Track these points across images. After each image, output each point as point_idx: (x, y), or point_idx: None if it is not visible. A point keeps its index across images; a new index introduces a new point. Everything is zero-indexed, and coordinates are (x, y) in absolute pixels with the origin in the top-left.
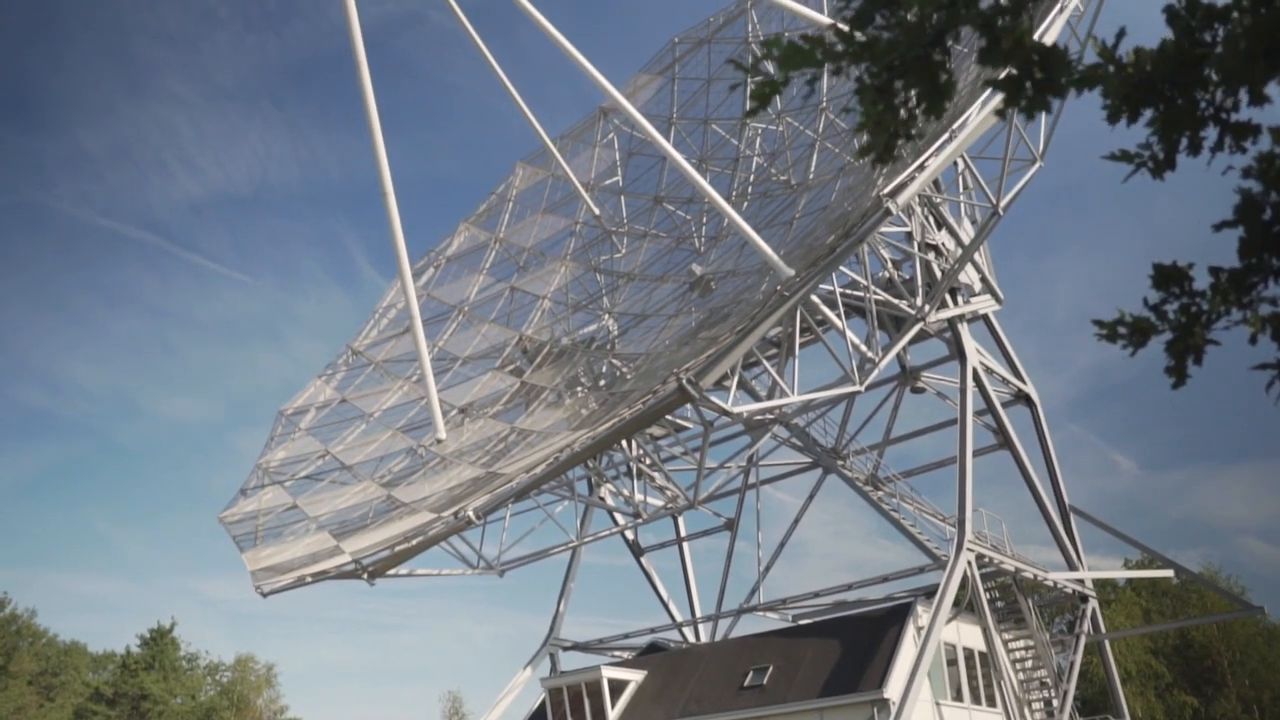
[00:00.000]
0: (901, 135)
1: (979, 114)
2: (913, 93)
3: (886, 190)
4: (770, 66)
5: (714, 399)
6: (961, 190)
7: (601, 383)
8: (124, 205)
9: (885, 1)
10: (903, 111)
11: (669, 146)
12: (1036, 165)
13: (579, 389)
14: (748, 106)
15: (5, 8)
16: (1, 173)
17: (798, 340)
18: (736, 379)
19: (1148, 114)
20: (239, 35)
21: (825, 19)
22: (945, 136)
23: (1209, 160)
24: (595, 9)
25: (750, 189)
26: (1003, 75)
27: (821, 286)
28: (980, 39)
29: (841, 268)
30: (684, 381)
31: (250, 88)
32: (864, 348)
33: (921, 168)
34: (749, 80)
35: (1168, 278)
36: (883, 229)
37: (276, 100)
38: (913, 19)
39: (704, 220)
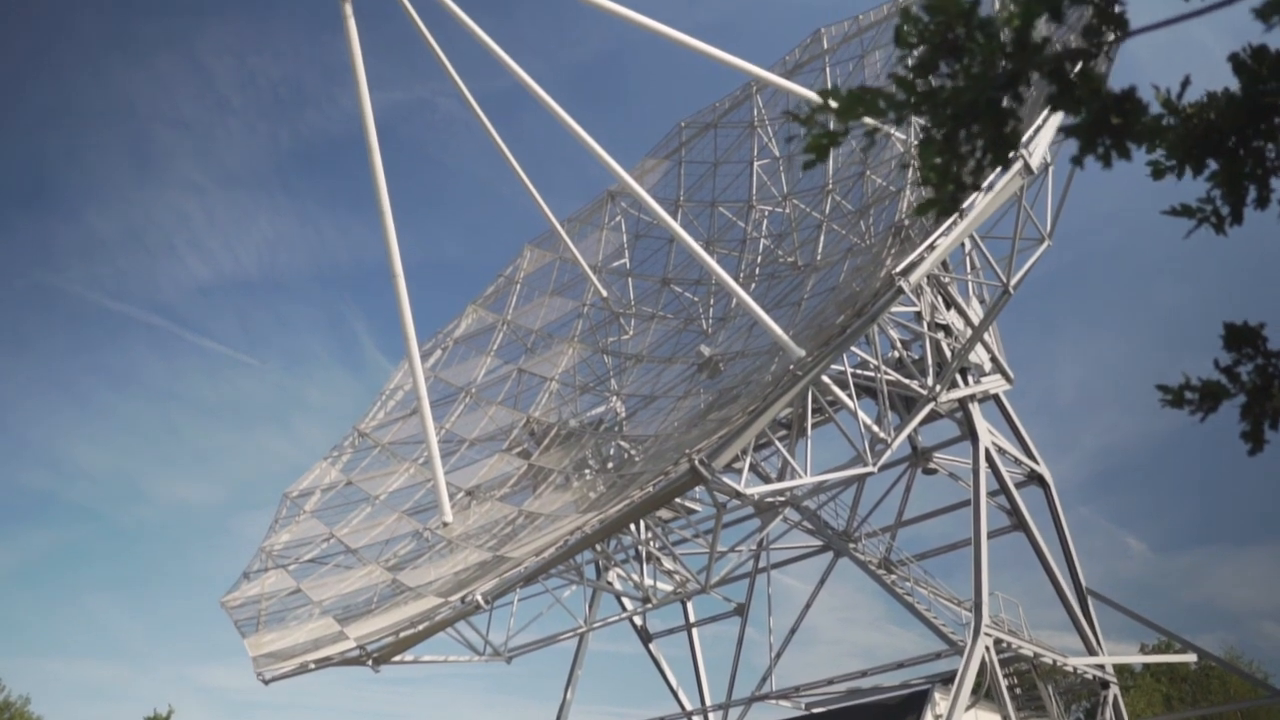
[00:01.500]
0: (968, 187)
1: (984, 195)
2: (978, 143)
3: (899, 269)
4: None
5: (726, 480)
6: (969, 270)
7: (609, 465)
8: (134, 288)
9: (950, 48)
10: (971, 161)
11: (676, 226)
12: (1045, 244)
13: (587, 471)
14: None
15: (26, 97)
16: (15, 256)
17: (810, 420)
18: (749, 460)
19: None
20: (251, 122)
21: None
22: (955, 215)
23: None
24: (599, 97)
25: (757, 270)
26: (1073, 122)
27: (832, 367)
28: (1049, 85)
29: (851, 348)
30: (697, 463)
31: (261, 173)
32: (875, 428)
33: (932, 246)
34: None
35: (1240, 338)
36: (892, 309)
37: (287, 185)
38: (977, 68)
39: (712, 302)
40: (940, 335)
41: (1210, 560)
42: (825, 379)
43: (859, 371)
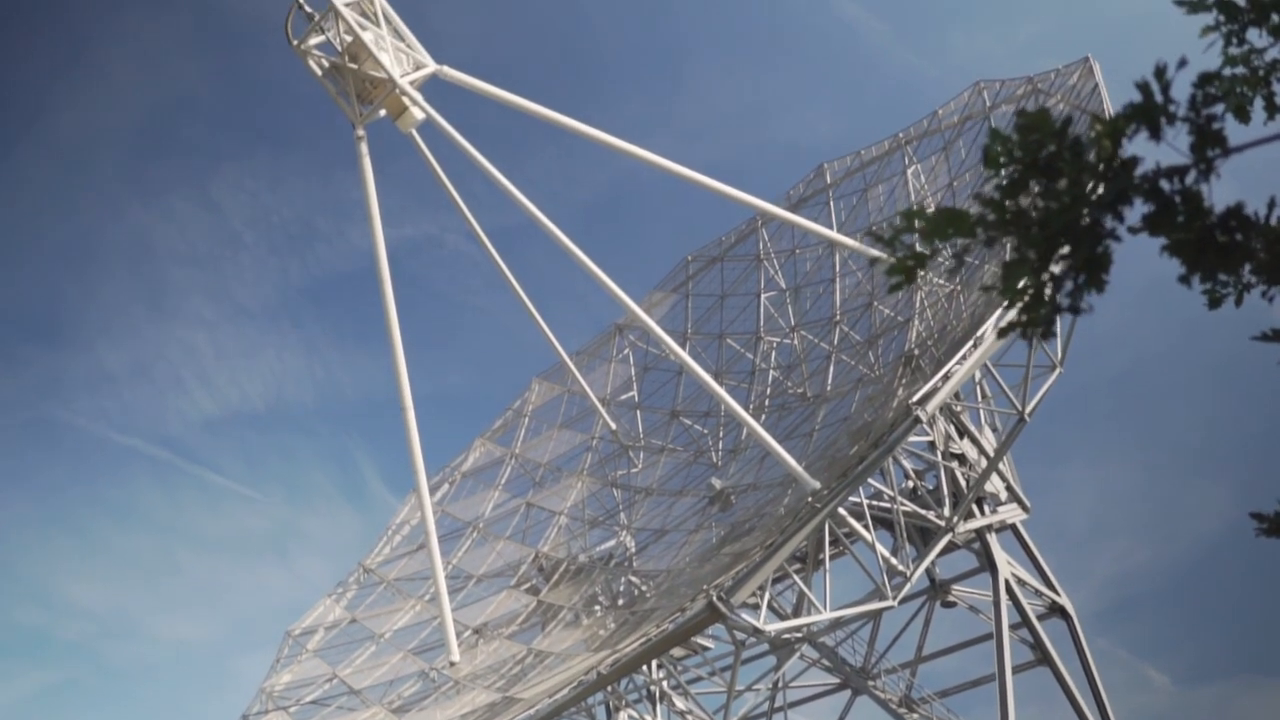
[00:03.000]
0: (1065, 310)
1: (994, 328)
2: (1067, 264)
3: (915, 399)
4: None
5: (745, 617)
6: (980, 398)
7: (620, 601)
8: (139, 422)
9: (1042, 168)
10: (1069, 282)
11: (686, 357)
12: (1057, 372)
13: (597, 608)
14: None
15: (43, 233)
16: (24, 389)
17: (828, 554)
18: (767, 596)
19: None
20: (262, 257)
21: (837, 235)
22: (970, 344)
23: None
24: (605, 232)
25: (767, 402)
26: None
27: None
28: (1146, 204)
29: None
30: (715, 599)
31: (270, 307)
32: (893, 560)
33: (947, 375)
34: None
35: None
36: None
37: (295, 319)
38: (1075, 188)
39: (721, 434)
40: (954, 465)
41: (1237, 692)
42: (840, 510)
43: (873, 503)
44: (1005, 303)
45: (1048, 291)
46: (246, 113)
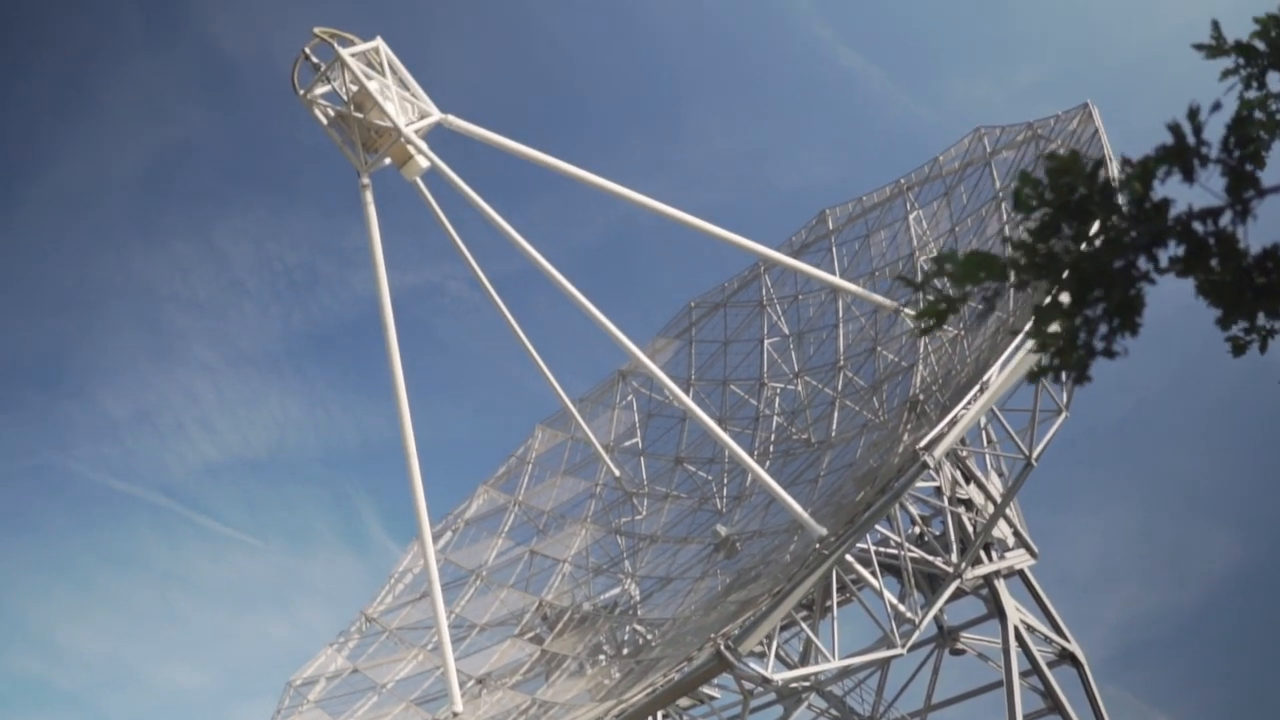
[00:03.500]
0: (1100, 354)
1: (1000, 373)
2: (1101, 308)
3: (923, 444)
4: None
5: (753, 666)
6: (986, 443)
7: (625, 651)
8: (141, 469)
9: (1073, 212)
10: (1103, 327)
11: (690, 403)
12: (1063, 416)
13: (602, 657)
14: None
15: (46, 278)
16: (23, 436)
17: (835, 601)
18: (775, 644)
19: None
20: (265, 304)
21: (840, 280)
22: (976, 388)
23: None
24: (607, 279)
25: (771, 448)
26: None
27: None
28: (1178, 247)
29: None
30: (722, 648)
31: (273, 354)
32: (901, 607)
33: (954, 420)
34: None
35: None
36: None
37: (297, 366)
38: (1111, 232)
39: (726, 480)
40: (961, 510)
41: None
42: (848, 557)
43: (880, 549)
44: (1011, 346)
45: (1082, 335)
46: (250, 159)
